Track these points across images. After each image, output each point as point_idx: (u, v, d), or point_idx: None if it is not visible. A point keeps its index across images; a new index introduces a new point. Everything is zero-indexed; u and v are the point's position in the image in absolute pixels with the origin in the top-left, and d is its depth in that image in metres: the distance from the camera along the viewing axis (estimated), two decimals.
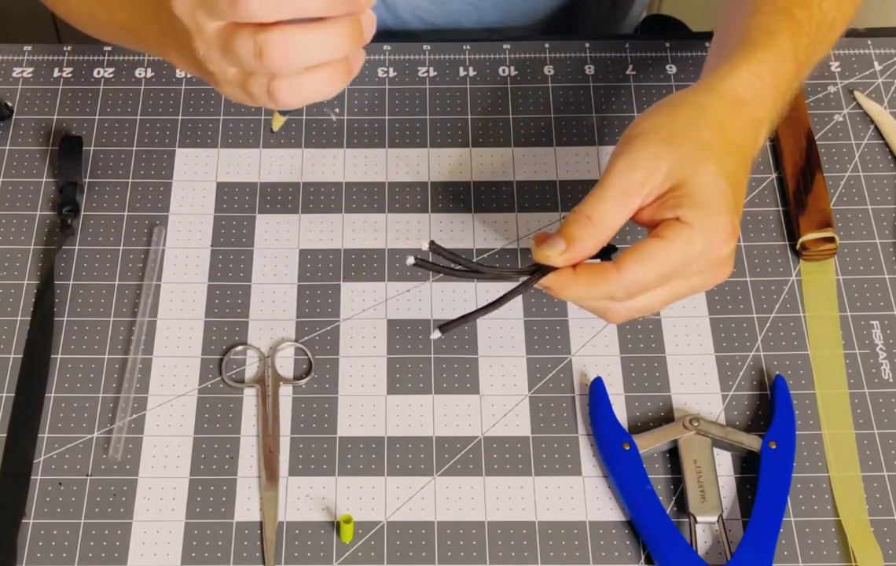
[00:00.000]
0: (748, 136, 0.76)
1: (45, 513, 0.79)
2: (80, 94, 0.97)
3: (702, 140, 0.74)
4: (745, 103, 0.76)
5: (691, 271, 0.73)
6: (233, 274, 0.88)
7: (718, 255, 0.73)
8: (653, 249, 0.72)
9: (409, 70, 0.99)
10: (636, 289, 0.73)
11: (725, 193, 0.73)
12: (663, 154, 0.73)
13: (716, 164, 0.73)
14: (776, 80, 0.78)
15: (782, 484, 0.79)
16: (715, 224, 0.72)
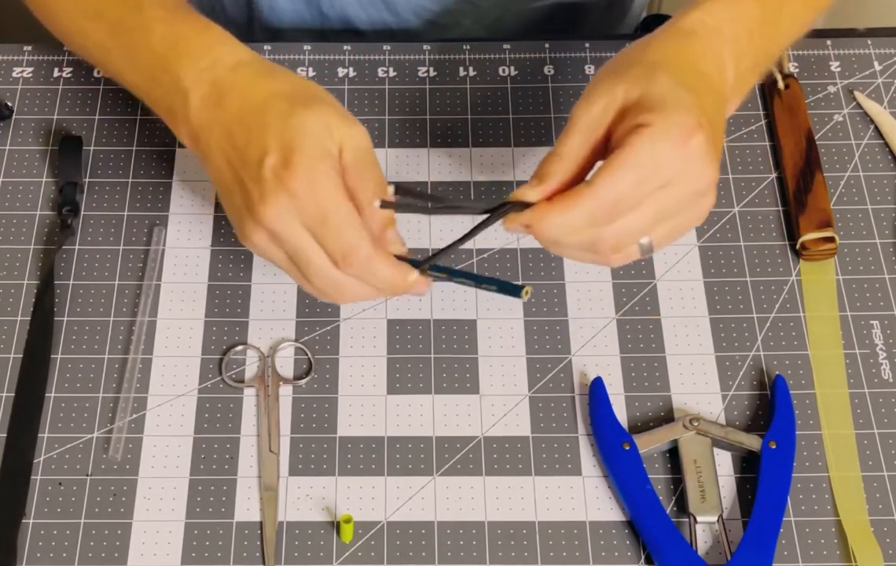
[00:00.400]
0: (707, 63, 0.76)
1: (45, 513, 0.79)
2: (80, 94, 0.97)
3: (651, 60, 0.75)
4: (697, 34, 0.77)
5: (666, 174, 0.72)
6: (233, 274, 0.88)
7: (686, 151, 0.72)
8: (618, 157, 0.72)
9: (409, 70, 0.99)
10: (615, 205, 0.72)
11: (682, 96, 0.73)
12: (616, 81, 0.75)
13: (667, 74, 0.74)
14: (735, 16, 0.78)
15: (782, 484, 0.79)
16: (676, 118, 0.72)
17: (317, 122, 0.75)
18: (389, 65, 0.99)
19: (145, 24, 0.81)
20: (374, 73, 0.98)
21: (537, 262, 0.89)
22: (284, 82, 0.78)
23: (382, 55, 0.99)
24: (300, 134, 0.74)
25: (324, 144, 0.74)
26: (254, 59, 0.80)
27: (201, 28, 0.81)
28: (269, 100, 0.76)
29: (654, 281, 0.88)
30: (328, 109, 0.76)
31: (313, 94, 0.77)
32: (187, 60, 0.79)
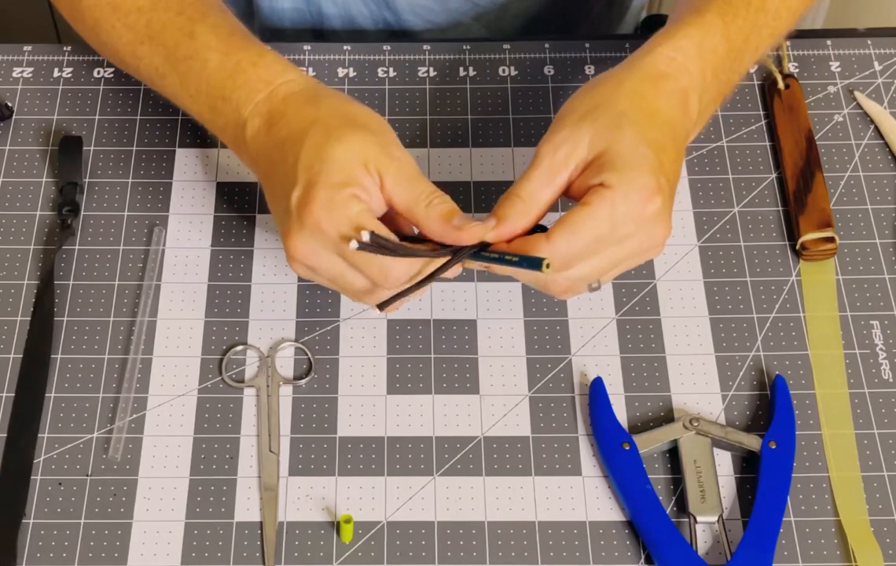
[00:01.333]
0: (672, 106, 0.78)
1: (45, 513, 0.79)
2: (80, 94, 0.97)
3: (619, 110, 0.76)
4: (666, 76, 0.78)
5: (621, 234, 0.74)
6: (233, 274, 0.88)
7: (644, 214, 0.74)
8: (579, 217, 0.74)
9: (409, 70, 0.99)
10: (569, 259, 0.74)
11: (646, 155, 0.74)
12: (583, 128, 0.76)
13: (634, 129, 0.75)
14: (702, 53, 0.80)
15: (782, 484, 0.79)
16: (637, 183, 0.73)
17: (347, 152, 0.75)
18: (389, 65, 0.99)
19: (199, 52, 0.82)
20: (374, 73, 0.98)
21: None
22: (328, 109, 0.78)
23: (382, 55, 0.99)
24: (326, 165, 0.75)
25: (348, 173, 0.74)
26: (305, 86, 0.80)
27: (256, 57, 0.81)
28: (309, 129, 0.76)
29: (654, 281, 0.88)
30: (366, 139, 0.76)
31: (354, 122, 0.77)
32: (245, 92, 0.80)
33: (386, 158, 0.75)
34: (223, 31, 0.83)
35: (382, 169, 0.75)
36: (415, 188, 0.76)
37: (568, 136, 0.76)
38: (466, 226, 0.75)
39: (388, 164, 0.75)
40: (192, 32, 0.83)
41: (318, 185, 0.74)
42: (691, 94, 0.79)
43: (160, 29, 0.84)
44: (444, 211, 0.75)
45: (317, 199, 0.74)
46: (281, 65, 0.81)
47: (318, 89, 0.80)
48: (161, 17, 0.84)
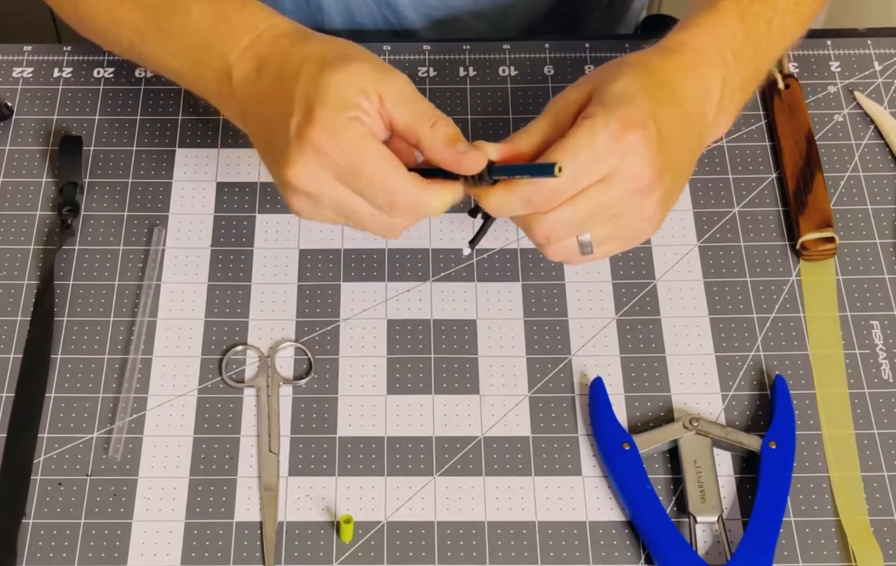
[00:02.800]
0: (684, 77, 0.77)
1: (45, 513, 0.79)
2: (80, 94, 0.97)
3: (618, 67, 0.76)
4: (678, 53, 0.78)
5: (603, 168, 0.72)
6: (233, 274, 0.88)
7: (625, 145, 0.72)
8: (557, 146, 0.72)
9: (409, 70, 0.99)
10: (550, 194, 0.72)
11: (635, 96, 0.73)
12: (587, 81, 0.76)
13: (632, 77, 0.74)
14: (717, 36, 0.79)
15: (782, 484, 0.79)
16: (617, 113, 0.72)
17: (345, 78, 0.73)
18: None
19: (181, 6, 0.81)
20: None
21: (537, 262, 0.89)
22: (319, 45, 0.77)
23: (382, 55, 0.99)
24: (324, 89, 0.73)
25: (348, 96, 0.73)
26: (292, 28, 0.79)
27: (240, 4, 0.80)
28: (302, 64, 0.75)
29: (654, 281, 0.88)
30: (361, 65, 0.75)
31: (347, 54, 0.76)
32: (230, 39, 0.79)
33: (384, 79, 0.74)
34: None
35: (382, 90, 0.74)
36: (417, 107, 0.74)
37: (573, 89, 0.76)
38: (471, 152, 0.73)
39: (387, 85, 0.74)
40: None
41: (319, 108, 0.72)
42: (710, 75, 0.78)
43: None
44: (450, 134, 0.73)
45: (318, 120, 0.72)
46: (266, 10, 0.80)
47: (306, 30, 0.79)
48: None
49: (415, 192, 0.73)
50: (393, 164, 0.73)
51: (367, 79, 0.74)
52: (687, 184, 0.91)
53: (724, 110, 0.79)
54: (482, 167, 0.73)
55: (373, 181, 0.72)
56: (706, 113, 0.78)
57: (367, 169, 0.72)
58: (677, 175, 0.76)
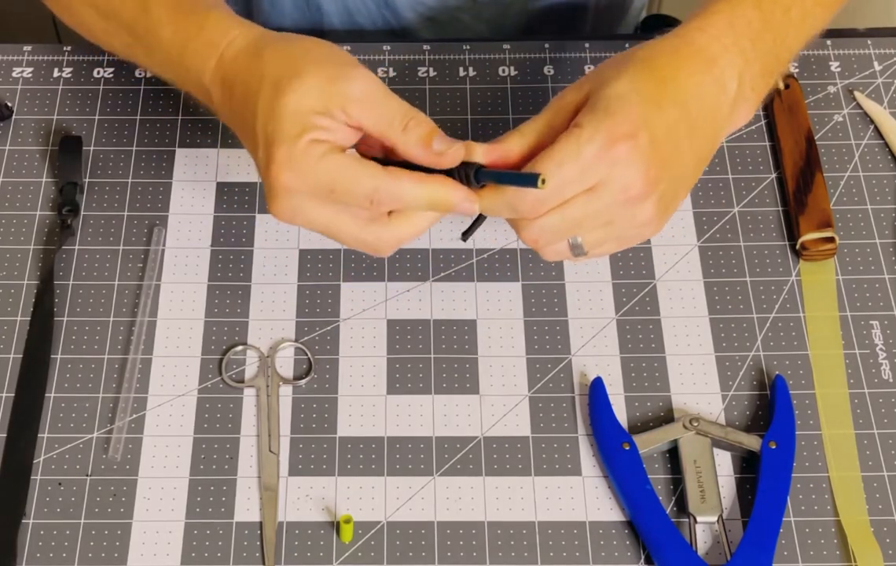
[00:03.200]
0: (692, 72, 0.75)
1: (45, 513, 0.79)
2: (80, 94, 0.97)
3: (620, 63, 0.74)
4: (691, 43, 0.76)
5: (590, 179, 0.71)
6: (233, 274, 0.88)
7: (613, 157, 0.71)
8: (543, 156, 0.71)
9: (409, 70, 0.99)
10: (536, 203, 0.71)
11: (627, 102, 0.72)
12: (587, 80, 0.75)
13: (629, 78, 0.73)
14: (734, 25, 0.77)
15: (782, 484, 0.79)
16: (605, 124, 0.71)
17: (296, 101, 0.72)
18: (389, 65, 0.99)
19: (154, 27, 0.81)
20: (374, 73, 0.98)
21: (537, 261, 0.89)
22: (273, 63, 0.75)
23: (382, 55, 0.99)
24: (279, 119, 0.72)
25: (300, 122, 0.72)
26: (248, 42, 0.78)
27: (202, 21, 0.80)
28: (259, 89, 0.74)
29: (654, 281, 0.88)
30: (314, 79, 0.73)
31: (301, 67, 0.74)
32: (199, 60, 0.79)
33: (342, 88, 0.73)
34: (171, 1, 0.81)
35: (341, 102, 0.72)
36: (385, 109, 0.73)
37: (573, 87, 0.75)
38: (449, 150, 0.72)
39: (346, 93, 0.72)
40: (145, 6, 0.81)
41: (275, 144, 0.72)
42: (725, 66, 0.76)
43: (119, 6, 0.83)
44: (423, 133, 0.72)
45: (276, 159, 0.72)
46: (225, 23, 0.79)
47: (261, 41, 0.77)
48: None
49: (392, 181, 0.72)
50: (362, 167, 0.72)
51: (321, 96, 0.72)
52: None
53: (745, 100, 0.77)
54: (459, 161, 0.72)
55: (348, 190, 0.72)
56: (720, 106, 0.76)
57: (339, 182, 0.72)
58: (677, 177, 0.75)
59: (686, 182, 0.77)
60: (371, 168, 0.72)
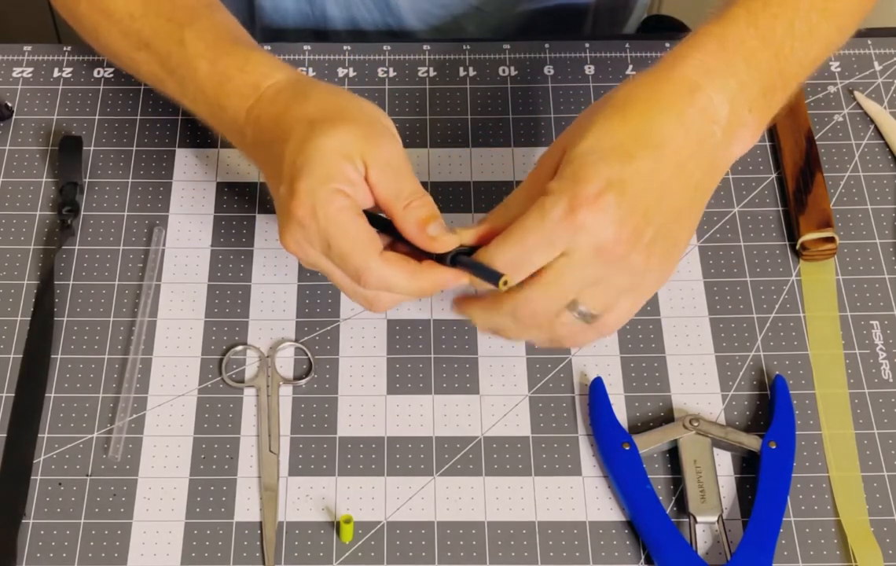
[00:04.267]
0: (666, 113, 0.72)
1: (45, 513, 0.79)
2: (80, 94, 0.97)
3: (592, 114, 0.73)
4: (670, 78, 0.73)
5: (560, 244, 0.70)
6: (233, 274, 0.88)
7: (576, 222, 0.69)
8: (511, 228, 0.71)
9: (409, 70, 0.99)
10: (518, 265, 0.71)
11: (590, 163, 0.70)
12: (561, 140, 0.74)
13: (598, 133, 0.71)
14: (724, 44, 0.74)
15: (782, 484, 0.79)
16: (570, 189, 0.70)
17: (330, 144, 0.74)
18: (389, 65, 0.99)
19: (190, 61, 0.82)
20: (374, 73, 0.98)
21: None
22: (314, 104, 0.76)
23: (382, 55, 0.99)
24: (309, 160, 0.74)
25: (330, 167, 0.73)
26: (290, 83, 0.79)
27: (242, 62, 0.80)
28: (294, 125, 0.76)
29: None
30: (350, 130, 0.74)
31: (340, 115, 0.75)
32: (236, 99, 0.80)
33: (371, 148, 0.74)
34: (210, 36, 0.82)
35: (368, 158, 0.74)
36: (398, 184, 0.74)
37: (549, 150, 0.74)
38: (441, 236, 0.74)
39: (373, 154, 0.74)
40: (181, 40, 0.82)
41: (302, 179, 0.73)
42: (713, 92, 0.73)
43: (152, 36, 0.84)
44: (421, 216, 0.74)
45: (299, 193, 0.73)
46: (268, 65, 0.80)
47: (306, 86, 0.79)
48: (152, 23, 0.84)
49: (382, 271, 0.74)
50: (364, 242, 0.74)
51: (354, 145, 0.74)
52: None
53: (742, 125, 0.74)
54: (450, 249, 0.74)
55: (343, 256, 0.74)
56: (711, 134, 0.73)
57: (339, 244, 0.73)
58: (669, 218, 0.72)
59: (682, 219, 0.74)
60: (372, 248, 0.74)
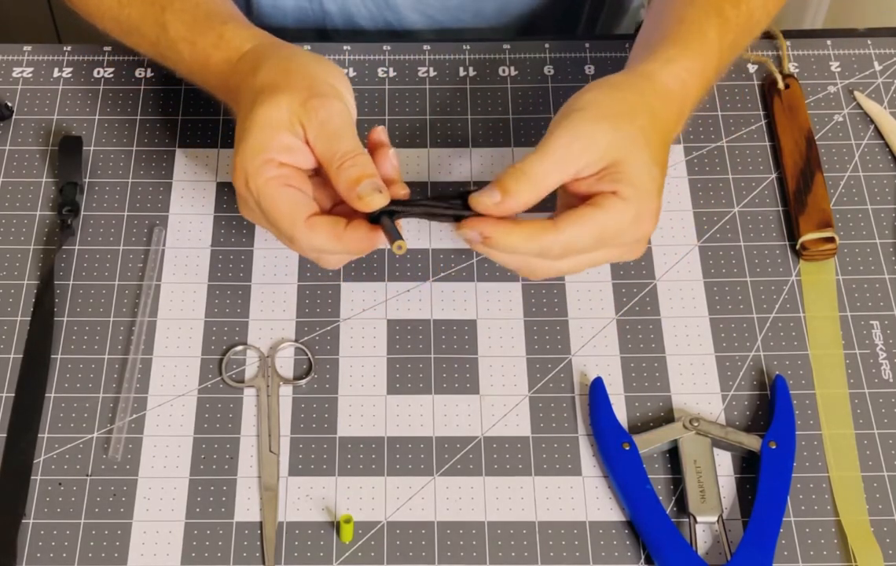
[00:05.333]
0: (674, 126, 0.81)
1: (45, 513, 0.79)
2: (80, 94, 0.97)
3: (640, 125, 0.77)
4: (673, 96, 0.81)
5: (616, 241, 0.77)
6: (233, 274, 0.88)
7: (644, 232, 0.77)
8: (592, 215, 0.75)
9: (409, 70, 0.99)
10: (569, 250, 0.76)
11: (657, 178, 0.77)
12: (604, 131, 0.77)
13: (649, 150, 0.77)
14: (702, 74, 0.82)
15: (782, 484, 0.79)
16: (647, 204, 0.76)
17: (265, 116, 0.76)
18: (389, 65, 0.99)
19: (174, 45, 0.85)
20: (374, 73, 0.98)
21: None
22: (263, 74, 0.79)
23: (382, 55, 0.99)
24: (245, 132, 0.77)
25: (263, 140, 0.76)
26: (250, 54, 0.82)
27: (216, 39, 0.83)
28: (243, 97, 0.79)
29: (654, 281, 0.88)
30: (289, 96, 0.77)
31: (283, 82, 0.78)
32: (217, 78, 0.84)
33: (308, 112, 0.76)
34: (188, 16, 0.85)
35: (305, 122, 0.77)
36: (333, 145, 0.77)
37: (588, 133, 0.76)
38: (367, 196, 0.75)
39: (310, 118, 0.77)
40: (164, 24, 0.85)
41: (238, 153, 0.77)
42: (685, 114, 0.82)
43: (140, 21, 0.87)
44: (352, 176, 0.76)
45: (235, 166, 0.77)
46: (239, 38, 0.83)
47: (260, 56, 0.81)
48: (139, 9, 0.87)
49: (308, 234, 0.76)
50: (290, 211, 0.77)
51: (292, 111, 0.77)
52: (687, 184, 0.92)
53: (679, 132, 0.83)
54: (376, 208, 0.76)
55: (275, 224, 0.77)
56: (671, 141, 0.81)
57: (269, 213, 0.77)
58: None
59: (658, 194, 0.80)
60: (296, 215, 0.77)
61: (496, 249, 0.76)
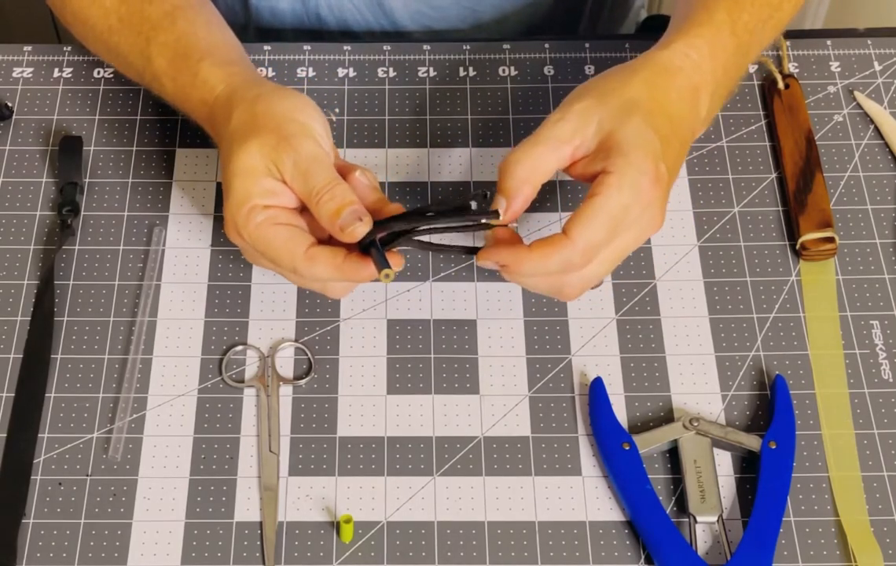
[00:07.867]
0: (682, 101, 0.80)
1: (45, 513, 0.79)
2: (80, 94, 0.97)
3: (630, 97, 0.78)
4: (680, 70, 0.80)
5: (629, 220, 0.76)
6: (233, 274, 0.88)
7: (647, 198, 0.76)
8: (592, 206, 0.75)
9: (409, 70, 0.99)
10: (590, 251, 0.75)
11: (650, 142, 0.76)
12: (593, 108, 0.77)
13: (641, 117, 0.77)
14: (713, 51, 0.82)
15: (782, 484, 0.79)
16: (640, 167, 0.75)
17: (242, 165, 0.77)
18: (389, 65, 0.99)
19: (158, 78, 0.87)
20: (374, 73, 0.98)
21: None
22: (234, 121, 0.80)
23: (382, 55, 0.99)
24: (227, 185, 0.78)
25: (246, 188, 0.77)
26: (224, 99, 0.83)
27: (192, 78, 0.84)
28: (221, 144, 0.81)
29: (654, 281, 0.88)
30: (260, 142, 0.78)
31: (252, 129, 0.79)
32: (198, 114, 0.85)
33: (280, 155, 0.77)
34: (169, 52, 0.86)
35: (279, 165, 0.78)
36: (308, 183, 0.77)
37: (577, 112, 0.77)
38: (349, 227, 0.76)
39: (282, 161, 0.77)
40: (148, 57, 0.86)
41: (226, 205, 0.79)
42: (703, 92, 0.81)
43: (128, 51, 0.88)
44: (331, 210, 0.76)
45: (225, 219, 0.79)
46: (213, 79, 0.84)
47: (232, 101, 0.82)
48: (126, 38, 0.88)
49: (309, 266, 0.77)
50: (288, 248, 0.77)
51: (265, 156, 0.78)
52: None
53: (705, 122, 0.83)
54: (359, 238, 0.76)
55: (275, 262, 0.79)
56: (693, 127, 0.81)
57: (270, 252, 0.78)
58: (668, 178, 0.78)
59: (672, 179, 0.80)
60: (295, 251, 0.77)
61: (517, 276, 0.77)
